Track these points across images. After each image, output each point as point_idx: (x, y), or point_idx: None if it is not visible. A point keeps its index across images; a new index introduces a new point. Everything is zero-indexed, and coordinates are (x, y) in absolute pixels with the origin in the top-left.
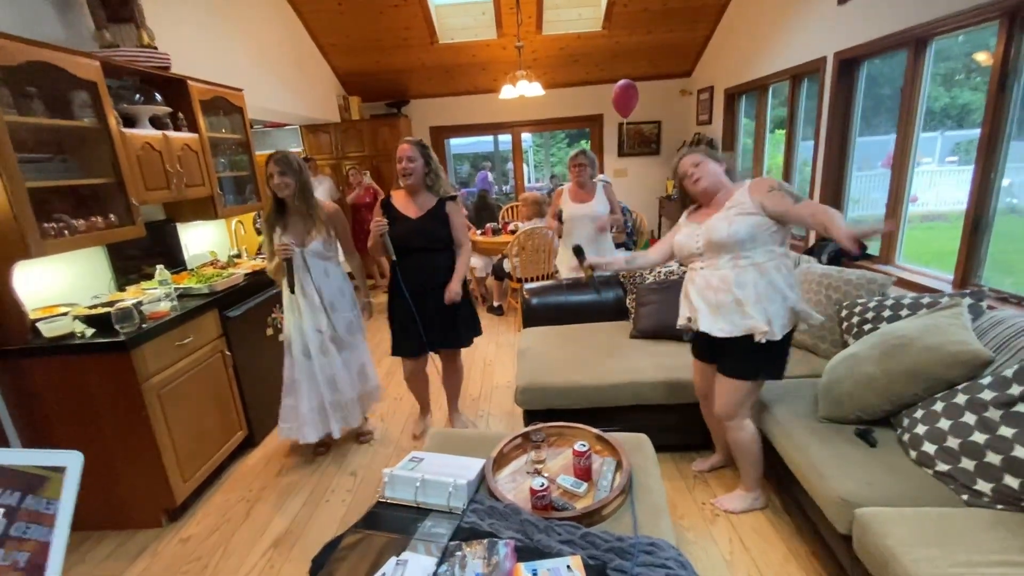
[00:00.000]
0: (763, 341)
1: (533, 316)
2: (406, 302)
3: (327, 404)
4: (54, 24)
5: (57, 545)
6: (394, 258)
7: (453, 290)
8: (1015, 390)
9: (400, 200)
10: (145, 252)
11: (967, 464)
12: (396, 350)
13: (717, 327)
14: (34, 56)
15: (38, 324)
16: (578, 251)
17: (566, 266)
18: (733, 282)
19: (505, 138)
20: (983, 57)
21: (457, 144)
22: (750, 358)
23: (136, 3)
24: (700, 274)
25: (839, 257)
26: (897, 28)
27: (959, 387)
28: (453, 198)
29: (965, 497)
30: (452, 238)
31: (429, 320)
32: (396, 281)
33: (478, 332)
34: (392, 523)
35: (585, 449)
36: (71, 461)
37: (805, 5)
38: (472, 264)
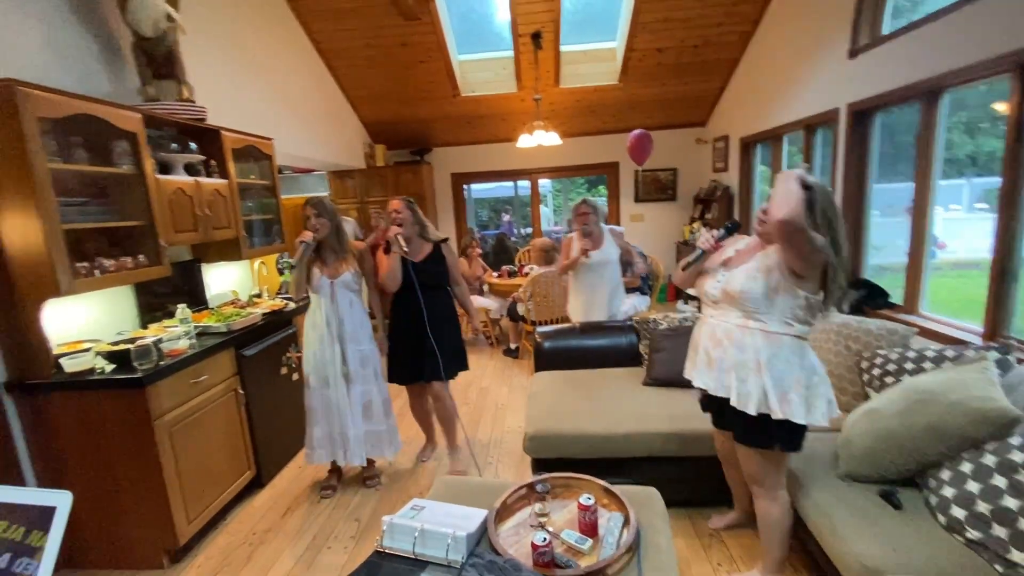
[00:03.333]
0: (753, 413)
1: (546, 360)
2: (402, 334)
3: (335, 434)
4: (103, 80)
5: None
6: (406, 249)
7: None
8: None
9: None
10: (170, 291)
11: (999, 532)
12: (390, 376)
13: (704, 380)
14: (81, 109)
15: (61, 359)
16: (731, 228)
17: (577, 315)
18: (735, 342)
19: (524, 183)
20: (1002, 107)
21: (478, 189)
22: (760, 425)
23: (179, 62)
24: (709, 323)
25: (861, 306)
26: (908, 81)
27: (987, 447)
28: (445, 240)
29: (999, 568)
30: (450, 277)
31: (419, 353)
32: (396, 315)
33: (463, 367)
34: (388, 575)
35: (591, 503)
36: (61, 501)
37: (816, 58)
38: (487, 305)
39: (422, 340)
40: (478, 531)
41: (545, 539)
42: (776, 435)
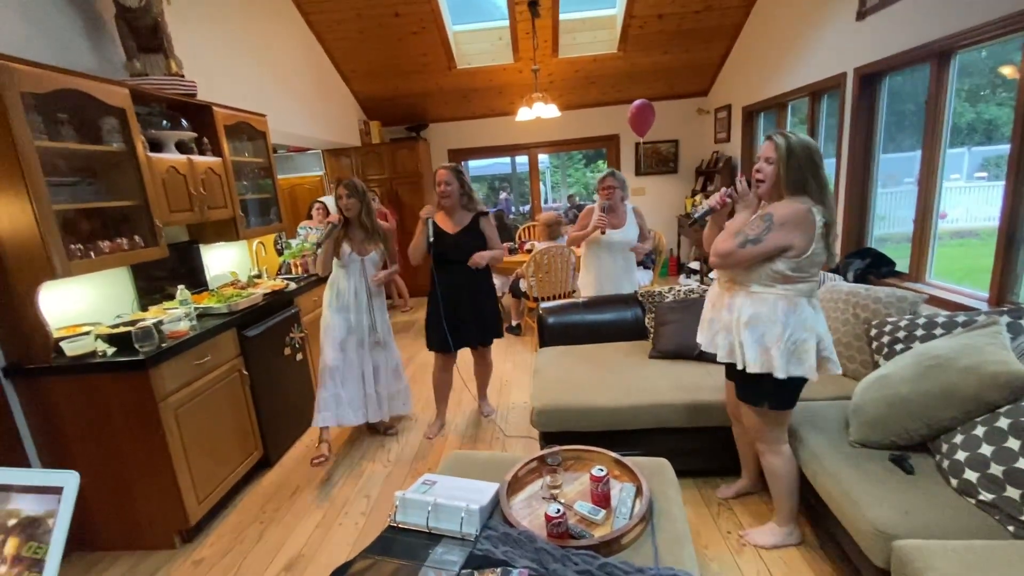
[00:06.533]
0: (745, 370)
1: (550, 335)
2: (440, 305)
3: (367, 394)
4: (86, 54)
5: (51, 564)
6: (431, 239)
7: (475, 259)
8: None
9: (440, 218)
10: (168, 273)
11: (1012, 493)
12: (429, 344)
13: (702, 337)
14: (66, 84)
15: (61, 343)
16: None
17: (588, 289)
18: (726, 304)
19: (522, 159)
20: (1008, 71)
21: (475, 166)
22: (753, 383)
23: (166, 34)
24: (713, 286)
25: (866, 274)
26: (918, 42)
27: (1001, 410)
28: (485, 214)
29: (1011, 528)
30: (486, 249)
31: (459, 322)
32: (434, 286)
33: (499, 334)
34: (403, 549)
35: (603, 474)
36: (68, 481)
37: (822, 21)
38: None
39: (456, 311)
40: (491, 504)
41: (559, 510)
42: (765, 392)
